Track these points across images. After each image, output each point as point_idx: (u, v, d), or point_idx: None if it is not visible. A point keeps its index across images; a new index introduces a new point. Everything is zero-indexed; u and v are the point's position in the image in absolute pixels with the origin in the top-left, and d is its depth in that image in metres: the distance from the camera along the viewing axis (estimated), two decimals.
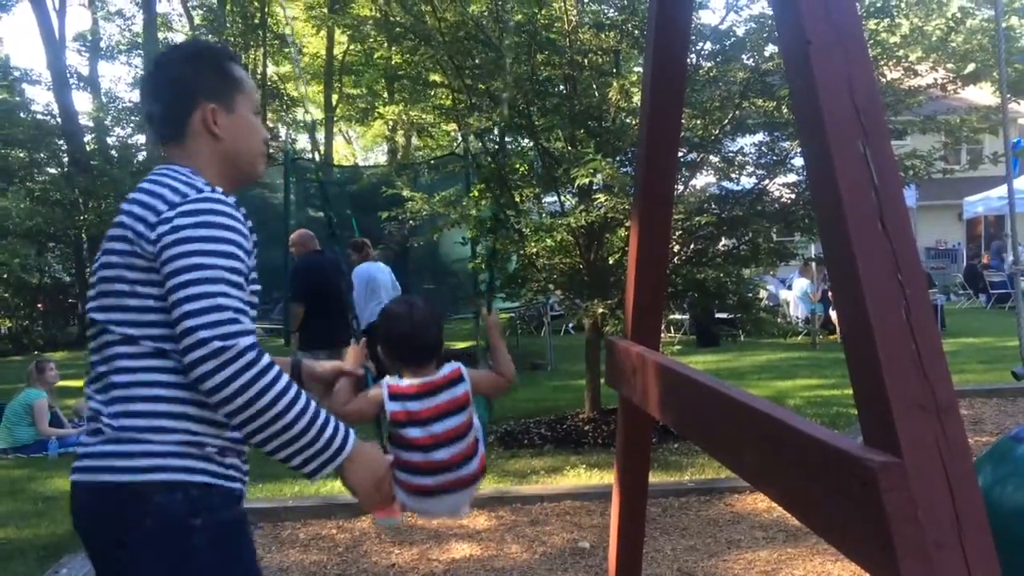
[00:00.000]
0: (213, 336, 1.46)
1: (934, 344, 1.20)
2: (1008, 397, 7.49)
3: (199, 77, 1.72)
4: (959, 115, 6.95)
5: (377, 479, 1.72)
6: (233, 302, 1.51)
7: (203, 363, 1.45)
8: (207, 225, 1.55)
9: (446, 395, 2.12)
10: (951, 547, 1.10)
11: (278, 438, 1.51)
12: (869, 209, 1.27)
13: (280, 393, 1.50)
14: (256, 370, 1.47)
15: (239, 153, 1.76)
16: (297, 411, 1.52)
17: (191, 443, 1.57)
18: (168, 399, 1.57)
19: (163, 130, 1.75)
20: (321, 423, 1.56)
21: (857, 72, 1.34)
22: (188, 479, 1.56)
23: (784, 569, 3.83)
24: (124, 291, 1.59)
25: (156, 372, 1.58)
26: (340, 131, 33.28)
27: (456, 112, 7.31)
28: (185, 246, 1.52)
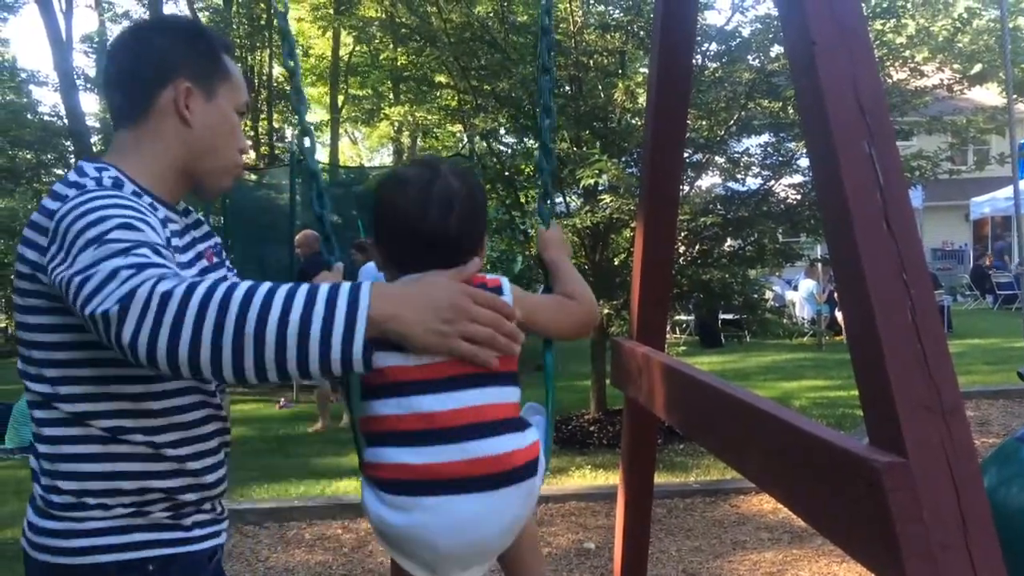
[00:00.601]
0: (112, 301, 1.08)
1: (940, 345, 1.20)
2: (1015, 398, 7.47)
3: (177, 50, 1.39)
4: (965, 116, 6.94)
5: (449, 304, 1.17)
6: (121, 259, 1.12)
7: (122, 335, 1.07)
8: (87, 214, 1.20)
9: None
10: (957, 548, 1.10)
11: (261, 352, 1.07)
12: (874, 210, 1.26)
13: (221, 303, 1.07)
14: (176, 299, 1.07)
15: (208, 150, 1.40)
16: (260, 303, 1.08)
17: (135, 514, 1.30)
18: (98, 458, 1.29)
19: (120, 111, 1.40)
20: (306, 292, 1.11)
21: (862, 73, 1.33)
22: (142, 555, 1.30)
23: (789, 570, 3.82)
24: (26, 340, 1.30)
25: (76, 438, 1.29)
26: (346, 132, 33.34)
27: (462, 113, 7.33)
28: (71, 250, 1.17)
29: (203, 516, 1.38)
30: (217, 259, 1.52)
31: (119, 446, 1.29)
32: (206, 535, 1.38)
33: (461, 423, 1.26)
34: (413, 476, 1.25)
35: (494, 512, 1.28)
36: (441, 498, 1.25)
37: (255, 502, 5.06)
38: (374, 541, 4.50)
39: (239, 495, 5.24)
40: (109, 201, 1.23)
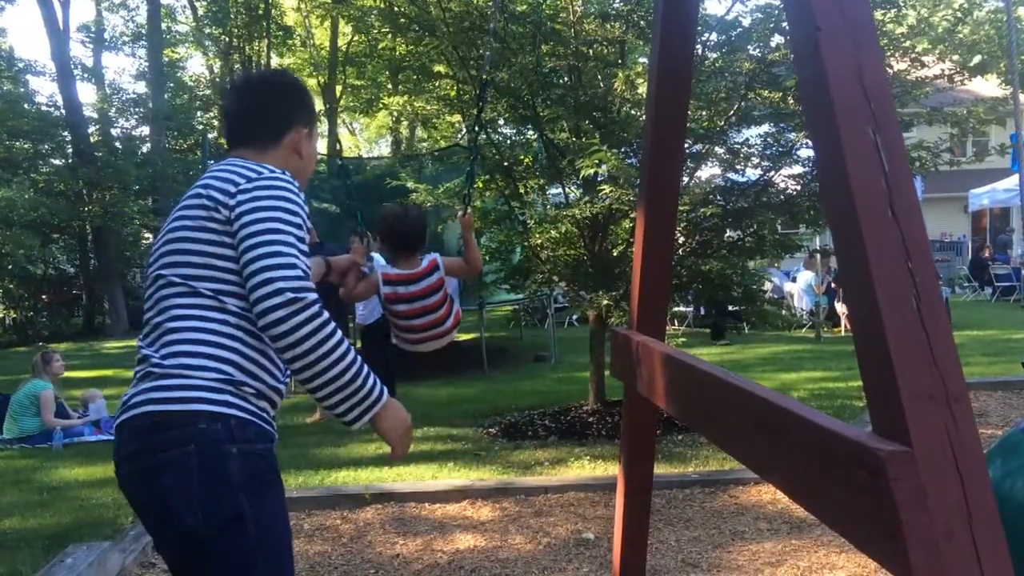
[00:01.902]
0: (289, 287, 1.67)
1: (944, 333, 1.19)
2: (1014, 390, 7.48)
3: (301, 102, 2.08)
4: (965, 107, 6.92)
5: (405, 427, 1.90)
6: (302, 263, 1.74)
7: (277, 310, 1.66)
8: (281, 197, 1.81)
9: (425, 281, 2.92)
10: (961, 537, 1.09)
11: (330, 384, 1.72)
12: (879, 195, 1.25)
13: (337, 345, 1.72)
14: (321, 321, 1.69)
15: (304, 171, 2.09)
16: (348, 362, 1.74)
17: (230, 382, 1.75)
18: (215, 343, 1.76)
19: (255, 131, 2.01)
20: (365, 375, 1.79)
21: (867, 59, 1.33)
22: (228, 412, 1.73)
23: (789, 560, 3.82)
24: (193, 249, 1.81)
25: (208, 320, 1.77)
26: (344, 122, 33.24)
27: (461, 103, 7.30)
28: (264, 212, 1.76)
29: (272, 411, 1.89)
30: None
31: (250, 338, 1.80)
32: (271, 420, 1.87)
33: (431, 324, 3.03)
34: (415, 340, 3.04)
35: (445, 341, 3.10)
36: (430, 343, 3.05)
37: None
38: (373, 531, 4.50)
39: None
40: (293, 188, 1.86)
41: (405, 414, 1.92)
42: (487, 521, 4.57)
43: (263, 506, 1.75)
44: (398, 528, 4.52)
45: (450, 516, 4.68)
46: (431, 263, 2.95)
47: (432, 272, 2.93)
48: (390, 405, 1.85)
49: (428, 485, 5.12)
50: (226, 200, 1.81)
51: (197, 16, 26.09)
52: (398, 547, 4.25)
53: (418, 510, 4.80)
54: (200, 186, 1.88)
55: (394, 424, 1.87)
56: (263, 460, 1.78)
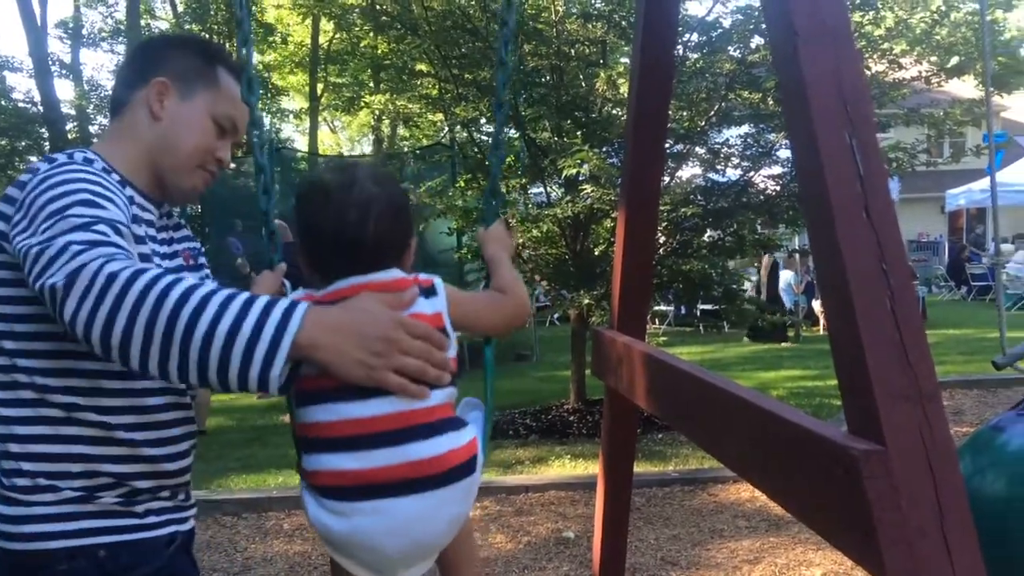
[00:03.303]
0: (60, 275, 1.09)
1: (918, 333, 1.20)
2: (989, 388, 7.57)
3: (165, 52, 1.47)
4: (942, 108, 7.00)
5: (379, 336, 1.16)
6: (76, 235, 1.14)
7: (65, 310, 1.08)
8: (54, 187, 1.22)
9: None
10: (934, 535, 1.11)
11: (190, 354, 1.07)
12: (855, 199, 1.27)
13: (160, 295, 1.07)
14: (120, 282, 1.07)
15: (172, 148, 1.42)
16: (194, 305, 1.07)
17: (84, 499, 1.29)
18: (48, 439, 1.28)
19: (111, 104, 1.49)
20: (241, 303, 1.09)
21: (844, 64, 1.34)
22: (90, 543, 1.29)
23: (766, 557, 3.86)
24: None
25: (29, 418, 1.28)
26: (325, 120, 33.11)
27: (443, 102, 7.29)
28: (34, 221, 1.19)
29: (159, 503, 1.36)
30: (194, 262, 1.54)
31: (71, 427, 1.28)
32: (162, 522, 1.36)
33: (395, 427, 1.23)
34: (350, 482, 1.24)
35: (434, 511, 1.28)
36: (380, 501, 1.24)
37: (233, 492, 5.04)
38: None
39: (217, 485, 5.21)
40: (76, 175, 1.25)
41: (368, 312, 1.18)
42: None
43: None
44: None
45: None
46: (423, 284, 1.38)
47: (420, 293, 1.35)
48: (319, 315, 1.13)
49: None
50: (6, 229, 1.26)
51: (177, 12, 25.90)
52: None
53: None
54: None
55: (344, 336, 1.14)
56: None
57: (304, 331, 1.10)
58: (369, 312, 1.18)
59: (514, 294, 1.54)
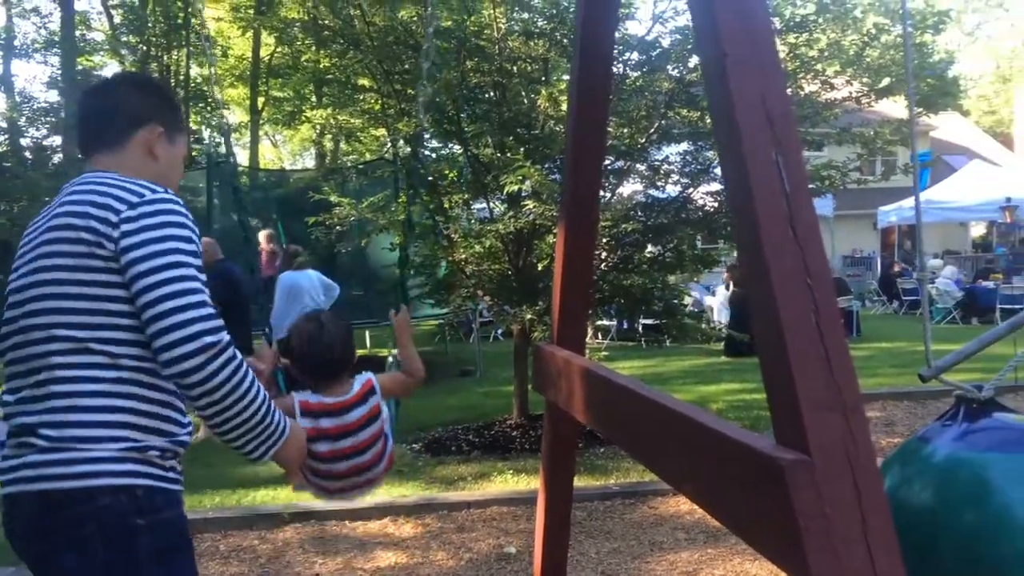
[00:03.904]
0: (203, 331, 1.53)
1: (841, 347, 1.24)
2: (919, 400, 7.78)
3: (152, 100, 1.87)
4: (873, 127, 7.21)
5: (303, 454, 1.93)
6: (207, 299, 1.59)
7: (192, 357, 1.52)
8: (172, 224, 1.63)
9: (357, 412, 2.24)
10: (857, 542, 1.14)
11: (241, 427, 1.64)
12: (781, 216, 1.31)
13: (251, 387, 1.62)
14: (236, 364, 1.58)
15: (166, 178, 1.82)
16: (259, 403, 1.66)
17: (133, 448, 1.61)
18: (110, 407, 1.59)
19: (105, 131, 1.80)
20: (271, 411, 1.72)
21: (771, 85, 1.38)
22: (132, 483, 1.59)
23: (705, 569, 3.90)
24: (73, 293, 1.60)
25: (100, 381, 1.59)
26: (267, 135, 32.73)
27: (385, 117, 7.28)
28: (159, 245, 1.59)
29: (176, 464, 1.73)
30: None
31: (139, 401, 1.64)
32: (179, 480, 1.73)
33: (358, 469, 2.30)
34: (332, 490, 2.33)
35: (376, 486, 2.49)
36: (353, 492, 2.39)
37: None
38: (291, 551, 4.43)
39: None
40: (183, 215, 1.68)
41: (303, 438, 1.91)
42: (409, 538, 4.55)
43: (174, 574, 1.67)
44: (318, 547, 4.45)
45: (371, 534, 4.64)
46: (365, 386, 2.28)
47: (366, 398, 2.27)
48: (293, 432, 1.81)
49: (349, 503, 5.06)
50: (109, 232, 1.59)
51: (113, 24, 25.38)
52: (317, 566, 4.19)
53: (339, 528, 4.74)
54: (70, 212, 1.64)
55: (294, 453, 1.84)
56: (172, 527, 1.67)
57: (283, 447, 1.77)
58: (303, 433, 1.95)
59: (416, 375, 2.47)
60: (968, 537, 1.79)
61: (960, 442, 1.93)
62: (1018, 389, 7.91)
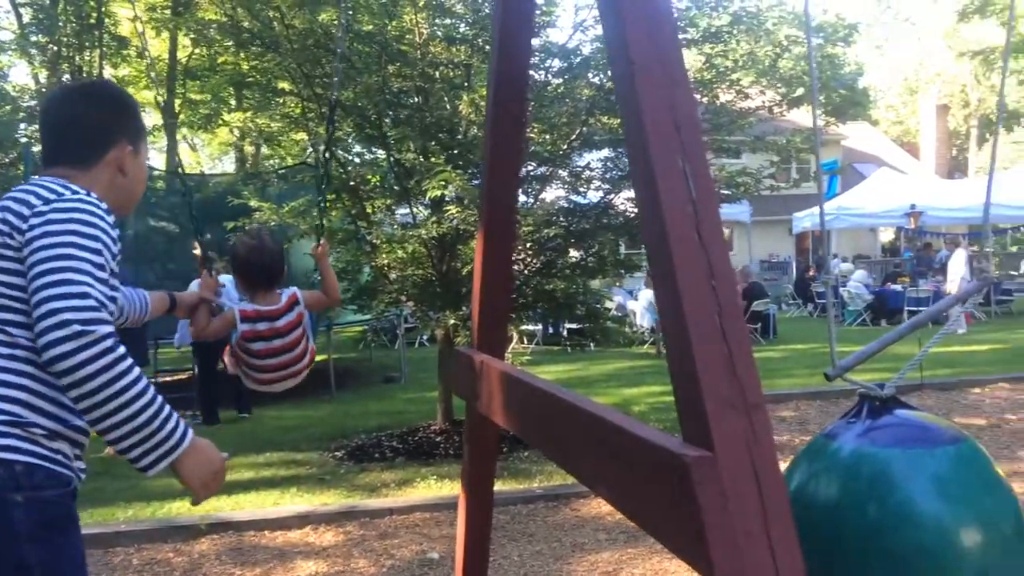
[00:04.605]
0: (75, 319, 1.52)
1: (744, 346, 1.28)
2: (831, 399, 8.05)
3: (118, 116, 1.94)
4: (786, 136, 7.44)
5: (212, 472, 1.75)
6: (97, 293, 1.59)
7: (60, 344, 1.51)
8: (78, 221, 1.67)
9: (285, 318, 2.65)
10: (758, 535, 1.17)
11: (120, 427, 1.56)
12: (687, 220, 1.34)
13: (130, 383, 1.56)
14: (112, 357, 1.54)
15: (132, 193, 1.97)
16: (143, 403, 1.58)
17: (16, 423, 1.62)
18: (1, 383, 1.63)
19: (73, 148, 1.86)
20: (164, 416, 1.62)
21: (678, 92, 1.41)
22: (11, 457, 1.60)
23: (625, 569, 3.96)
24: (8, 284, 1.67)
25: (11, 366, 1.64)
26: (184, 138, 31.92)
27: (306, 121, 7.18)
28: (56, 237, 1.63)
29: (67, 449, 1.71)
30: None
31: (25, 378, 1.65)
32: (68, 465, 1.71)
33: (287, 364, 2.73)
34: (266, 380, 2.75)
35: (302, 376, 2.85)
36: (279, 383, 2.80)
37: None
38: (208, 563, 4.32)
39: None
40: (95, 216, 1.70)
41: (214, 455, 1.76)
42: (329, 546, 4.49)
43: (53, 554, 1.64)
44: (235, 558, 4.36)
45: (291, 543, 4.56)
46: (291, 298, 2.67)
47: (293, 308, 2.66)
48: (194, 448, 1.69)
49: (268, 512, 4.97)
50: (20, 224, 1.67)
51: (22, 23, 24.42)
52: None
53: (257, 538, 4.65)
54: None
55: (196, 469, 1.71)
56: (53, 506, 1.66)
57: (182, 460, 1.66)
58: (212, 450, 1.76)
59: (333, 297, 2.94)
60: (871, 529, 1.85)
61: (863, 438, 2.00)
62: (924, 387, 8.26)
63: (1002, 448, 5.88)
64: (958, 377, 8.92)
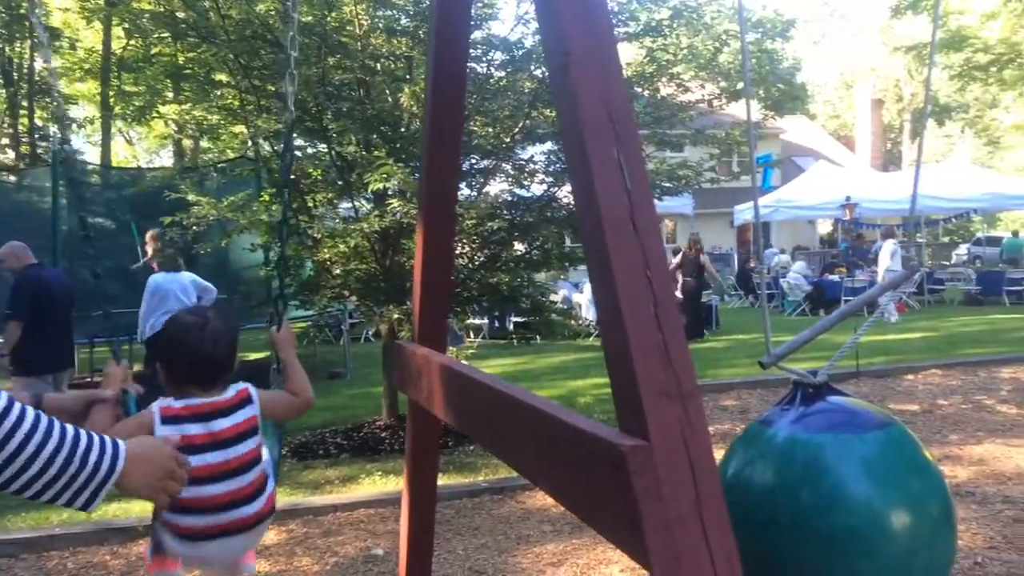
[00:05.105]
0: None
1: (678, 336, 1.29)
2: (771, 387, 8.20)
3: None
4: (725, 129, 7.55)
5: (164, 471, 1.52)
6: None
7: None
8: None
9: (230, 419, 1.96)
10: (692, 521, 1.19)
11: (37, 482, 1.34)
12: (622, 211, 1.35)
13: (27, 434, 1.33)
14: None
15: None
16: (52, 447, 1.35)
17: None
18: None
19: None
20: (83, 449, 1.39)
21: (612, 83, 1.42)
22: None
23: (569, 559, 3.99)
24: None
25: None
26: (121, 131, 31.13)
27: (244, 113, 7.06)
28: None
29: None
30: None
31: None
32: None
33: (230, 500, 1.98)
34: (197, 532, 1.97)
35: (249, 543, 2.13)
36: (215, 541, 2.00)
37: (9, 532, 4.61)
38: (145, 566, 4.22)
39: None
40: None
41: (157, 457, 1.53)
42: (272, 545, 4.43)
43: None
44: None
45: None
46: (240, 393, 2.03)
47: (242, 405, 2.01)
48: (131, 460, 1.46)
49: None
50: None
51: None
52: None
53: None
54: None
55: (143, 480, 1.49)
56: None
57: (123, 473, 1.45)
58: (156, 449, 1.55)
59: (303, 393, 2.29)
60: (804, 513, 1.89)
61: (796, 424, 2.04)
62: (860, 375, 8.47)
63: (934, 432, 6.06)
64: (893, 364, 9.17)
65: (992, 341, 10.89)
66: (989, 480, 4.75)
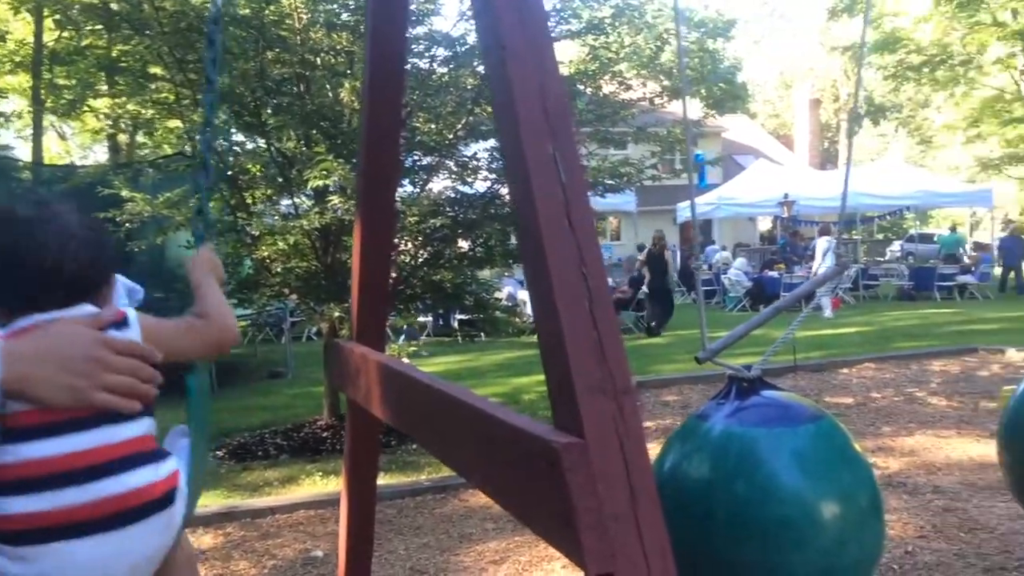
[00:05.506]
0: None
1: (613, 332, 1.29)
2: (713, 383, 8.31)
3: None
4: (667, 127, 7.63)
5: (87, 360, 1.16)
6: None
7: None
8: None
9: None
10: (626, 518, 1.19)
11: None
12: (558, 207, 1.34)
13: None
14: None
15: None
16: None
17: None
18: None
19: None
20: None
21: (548, 78, 1.41)
22: None
23: (511, 556, 3.98)
24: None
25: None
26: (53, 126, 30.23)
27: (180, 108, 6.90)
28: None
29: None
30: None
31: None
32: None
33: (82, 465, 1.19)
34: (34, 524, 1.17)
35: (121, 551, 1.23)
36: (62, 544, 1.18)
37: None
38: None
39: None
40: None
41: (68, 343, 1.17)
42: (208, 549, 4.33)
43: None
44: None
45: None
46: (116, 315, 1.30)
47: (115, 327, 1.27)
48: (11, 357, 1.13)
49: None
50: None
51: None
52: None
53: None
54: None
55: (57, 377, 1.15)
56: None
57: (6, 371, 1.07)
58: (68, 335, 1.17)
59: (217, 319, 1.50)
60: (739, 504, 1.91)
61: (732, 418, 2.07)
62: (797, 369, 8.65)
63: (868, 425, 6.20)
64: (829, 359, 9.38)
65: (924, 335, 11.21)
66: (920, 471, 4.88)
